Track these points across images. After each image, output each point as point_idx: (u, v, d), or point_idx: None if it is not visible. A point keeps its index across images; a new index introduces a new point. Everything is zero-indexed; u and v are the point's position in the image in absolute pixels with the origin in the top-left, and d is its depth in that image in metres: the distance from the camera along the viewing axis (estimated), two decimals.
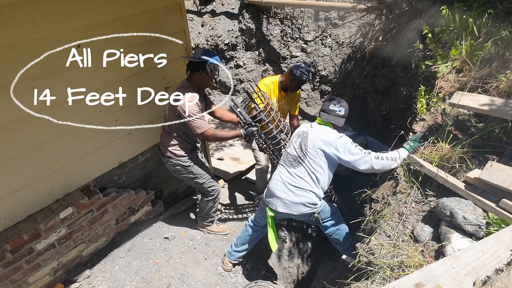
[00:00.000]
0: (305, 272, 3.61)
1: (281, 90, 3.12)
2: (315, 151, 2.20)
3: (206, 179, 2.83)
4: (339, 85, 4.83)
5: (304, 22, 5.16)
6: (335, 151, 2.15)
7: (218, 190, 2.96)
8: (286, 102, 3.22)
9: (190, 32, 5.79)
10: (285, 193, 2.29)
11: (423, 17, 2.75)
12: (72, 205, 2.46)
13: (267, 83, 3.06)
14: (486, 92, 2.03)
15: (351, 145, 2.13)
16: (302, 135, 2.29)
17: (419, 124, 2.33)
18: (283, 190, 2.30)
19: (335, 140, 2.16)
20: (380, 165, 2.07)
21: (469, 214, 1.49)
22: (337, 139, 2.16)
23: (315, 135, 2.23)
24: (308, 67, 2.93)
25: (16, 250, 2.24)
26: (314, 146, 2.20)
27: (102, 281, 2.70)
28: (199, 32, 6.19)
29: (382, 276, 1.51)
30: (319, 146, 2.19)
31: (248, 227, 2.75)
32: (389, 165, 2.08)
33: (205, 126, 2.42)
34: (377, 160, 2.07)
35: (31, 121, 2.09)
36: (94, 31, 2.20)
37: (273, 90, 3.08)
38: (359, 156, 2.10)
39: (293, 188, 2.27)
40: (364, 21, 4.23)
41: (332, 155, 2.16)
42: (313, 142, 2.21)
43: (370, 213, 2.08)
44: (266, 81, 3.10)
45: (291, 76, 2.97)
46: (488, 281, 1.14)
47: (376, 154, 2.10)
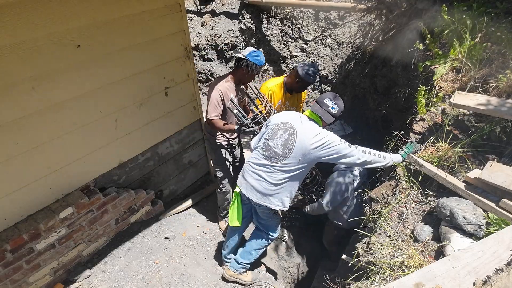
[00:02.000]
0: (305, 272, 3.61)
1: (286, 91, 3.08)
2: (302, 155, 2.10)
3: (222, 170, 3.00)
4: (339, 85, 4.83)
5: (304, 22, 5.16)
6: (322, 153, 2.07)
7: (227, 186, 3.07)
8: (291, 103, 3.21)
9: (190, 32, 5.79)
10: (256, 180, 2.25)
11: (423, 17, 2.75)
12: (72, 205, 2.46)
13: (270, 86, 3.04)
14: (486, 92, 2.03)
15: (338, 142, 2.06)
16: (290, 131, 2.13)
17: (419, 124, 2.33)
18: (254, 178, 2.26)
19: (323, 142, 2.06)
20: (366, 158, 2.07)
21: (469, 214, 1.49)
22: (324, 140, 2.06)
23: (303, 137, 2.09)
24: (314, 68, 2.89)
25: (16, 250, 2.24)
26: (301, 149, 2.08)
27: (102, 281, 2.70)
28: (199, 32, 6.19)
29: (382, 276, 1.51)
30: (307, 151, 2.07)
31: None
32: (375, 161, 2.09)
33: (212, 114, 2.61)
34: (364, 153, 2.07)
35: (31, 121, 2.09)
36: (94, 31, 2.21)
37: (277, 92, 3.06)
38: (346, 151, 2.05)
39: (264, 181, 2.22)
40: (364, 21, 4.23)
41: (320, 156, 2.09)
42: (302, 145, 2.08)
43: (370, 213, 2.09)
44: (270, 83, 3.08)
45: (297, 78, 2.94)
46: (488, 281, 1.14)
47: (364, 149, 2.09)
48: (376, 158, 2.09)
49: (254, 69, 2.58)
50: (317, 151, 2.06)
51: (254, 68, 2.57)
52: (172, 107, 3.03)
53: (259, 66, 2.58)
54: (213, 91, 2.60)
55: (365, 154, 2.07)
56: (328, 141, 2.05)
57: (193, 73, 3.09)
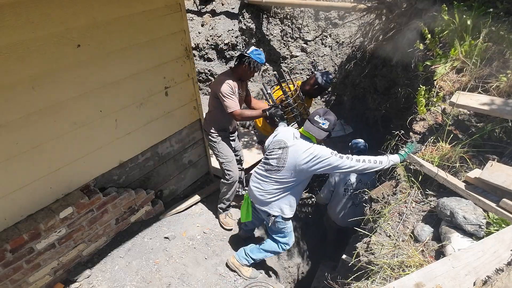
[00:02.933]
0: (305, 272, 3.61)
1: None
2: (294, 169, 2.27)
3: (226, 161, 3.08)
4: (339, 85, 4.83)
5: (304, 22, 5.16)
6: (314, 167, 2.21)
7: (233, 177, 3.13)
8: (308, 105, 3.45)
9: (190, 32, 5.79)
10: (257, 188, 2.50)
11: (423, 17, 2.75)
12: (72, 204, 2.46)
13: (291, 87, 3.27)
14: (486, 92, 2.03)
15: (328, 155, 2.17)
16: (283, 148, 2.33)
17: (419, 124, 2.33)
18: (256, 186, 2.51)
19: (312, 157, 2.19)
20: (359, 167, 2.17)
21: (470, 214, 1.49)
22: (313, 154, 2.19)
23: (294, 154, 2.26)
24: (331, 76, 3.20)
25: (16, 249, 2.24)
26: (293, 163, 2.26)
27: (102, 281, 2.70)
28: (199, 32, 6.19)
29: (382, 276, 1.51)
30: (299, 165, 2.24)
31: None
32: (371, 167, 2.17)
33: (235, 107, 2.74)
34: (358, 162, 2.17)
35: (31, 121, 2.09)
36: (94, 31, 2.21)
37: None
38: (337, 163, 2.16)
39: (262, 190, 2.45)
40: (364, 21, 4.23)
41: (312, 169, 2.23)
42: (293, 160, 2.26)
43: (370, 212, 2.08)
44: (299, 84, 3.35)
45: (315, 85, 3.16)
46: (489, 281, 1.14)
47: (358, 157, 2.18)
48: (371, 165, 2.16)
49: (255, 66, 2.68)
50: (307, 164, 2.21)
51: (256, 65, 2.68)
52: (172, 107, 3.03)
53: (260, 64, 2.69)
54: (223, 85, 2.70)
55: (358, 163, 2.16)
56: (317, 155, 2.18)
57: (193, 73, 3.09)
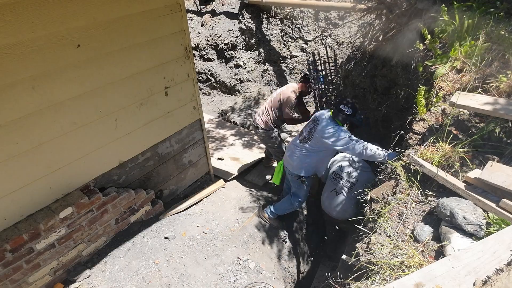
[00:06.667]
0: (305, 272, 3.61)
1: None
2: (317, 140, 3.00)
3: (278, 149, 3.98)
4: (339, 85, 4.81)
5: (304, 22, 5.16)
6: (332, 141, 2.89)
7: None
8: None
9: (190, 32, 5.79)
10: (292, 154, 3.23)
11: (423, 17, 2.75)
12: (72, 204, 2.46)
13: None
14: (486, 92, 2.03)
15: (343, 136, 2.83)
16: (316, 122, 3.06)
17: (419, 124, 2.33)
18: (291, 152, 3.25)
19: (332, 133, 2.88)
20: (363, 152, 2.73)
21: (469, 214, 1.49)
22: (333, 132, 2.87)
23: (321, 128, 2.96)
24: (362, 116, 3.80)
25: (16, 249, 2.24)
26: (317, 137, 2.99)
27: (102, 281, 2.70)
28: (199, 32, 6.19)
29: (382, 276, 1.51)
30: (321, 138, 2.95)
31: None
32: (372, 155, 2.70)
33: (291, 114, 3.71)
34: (364, 148, 2.74)
35: (31, 121, 2.09)
36: (94, 31, 2.21)
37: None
38: (349, 144, 2.80)
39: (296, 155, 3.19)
40: (364, 21, 4.23)
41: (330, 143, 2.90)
42: (318, 134, 2.98)
43: (370, 212, 2.08)
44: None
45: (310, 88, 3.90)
46: (488, 281, 1.14)
47: (365, 145, 2.74)
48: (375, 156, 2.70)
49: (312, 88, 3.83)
50: (327, 138, 2.90)
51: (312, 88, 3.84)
52: (172, 107, 3.03)
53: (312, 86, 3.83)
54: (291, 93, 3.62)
55: (365, 150, 2.73)
56: (335, 133, 2.87)
57: (193, 73, 3.09)
